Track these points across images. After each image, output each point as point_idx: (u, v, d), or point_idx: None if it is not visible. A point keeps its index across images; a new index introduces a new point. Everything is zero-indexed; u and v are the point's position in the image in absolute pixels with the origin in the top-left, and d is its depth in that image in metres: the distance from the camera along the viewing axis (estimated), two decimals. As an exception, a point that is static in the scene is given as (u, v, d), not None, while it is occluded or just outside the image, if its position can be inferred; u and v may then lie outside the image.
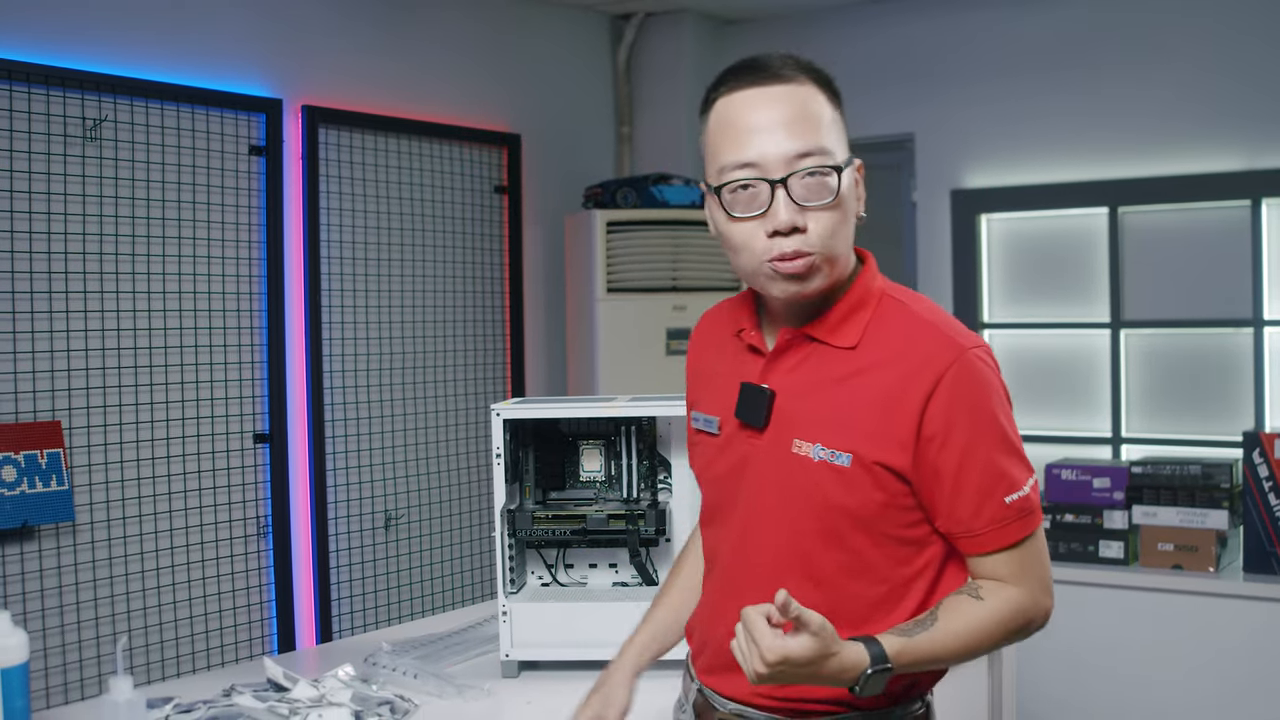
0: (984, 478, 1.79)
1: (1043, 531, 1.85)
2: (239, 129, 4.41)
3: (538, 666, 2.77)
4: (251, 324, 4.45)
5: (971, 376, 1.79)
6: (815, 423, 1.83)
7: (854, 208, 1.85)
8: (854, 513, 1.81)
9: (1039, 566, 1.84)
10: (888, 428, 1.79)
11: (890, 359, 1.82)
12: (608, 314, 5.23)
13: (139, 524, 4.10)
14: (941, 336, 1.81)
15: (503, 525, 2.72)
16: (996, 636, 1.81)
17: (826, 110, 1.83)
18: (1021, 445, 1.84)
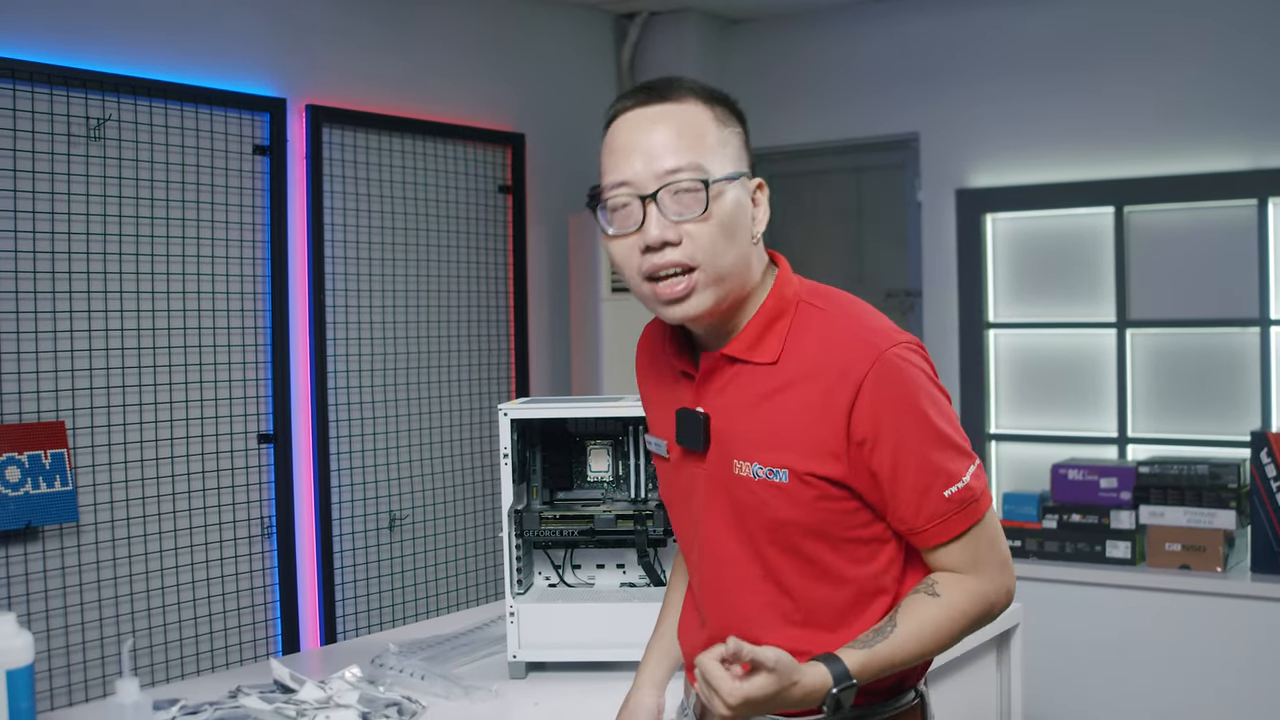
0: (919, 475, 1.78)
1: (992, 515, 1.85)
2: (243, 128, 4.41)
3: (545, 667, 2.75)
4: (255, 324, 4.44)
5: (892, 376, 1.77)
6: (749, 442, 1.84)
7: (743, 225, 1.83)
8: (802, 523, 1.83)
9: (991, 550, 1.84)
10: (818, 439, 1.79)
11: (812, 370, 1.81)
12: (611, 313, 5.22)
13: (143, 524, 4.09)
14: (858, 340, 1.80)
15: (510, 526, 2.71)
16: (960, 627, 1.82)
17: (710, 129, 1.84)
18: (957, 434, 1.82)
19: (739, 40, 6.02)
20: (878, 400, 1.76)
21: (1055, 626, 4.54)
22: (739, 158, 1.86)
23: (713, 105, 1.86)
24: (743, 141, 1.89)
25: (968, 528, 1.81)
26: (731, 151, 1.85)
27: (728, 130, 1.86)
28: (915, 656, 1.80)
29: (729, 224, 1.81)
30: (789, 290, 1.89)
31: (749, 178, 1.87)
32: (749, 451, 1.83)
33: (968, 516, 1.81)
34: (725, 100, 1.89)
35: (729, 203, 1.81)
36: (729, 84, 6.03)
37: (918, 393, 1.79)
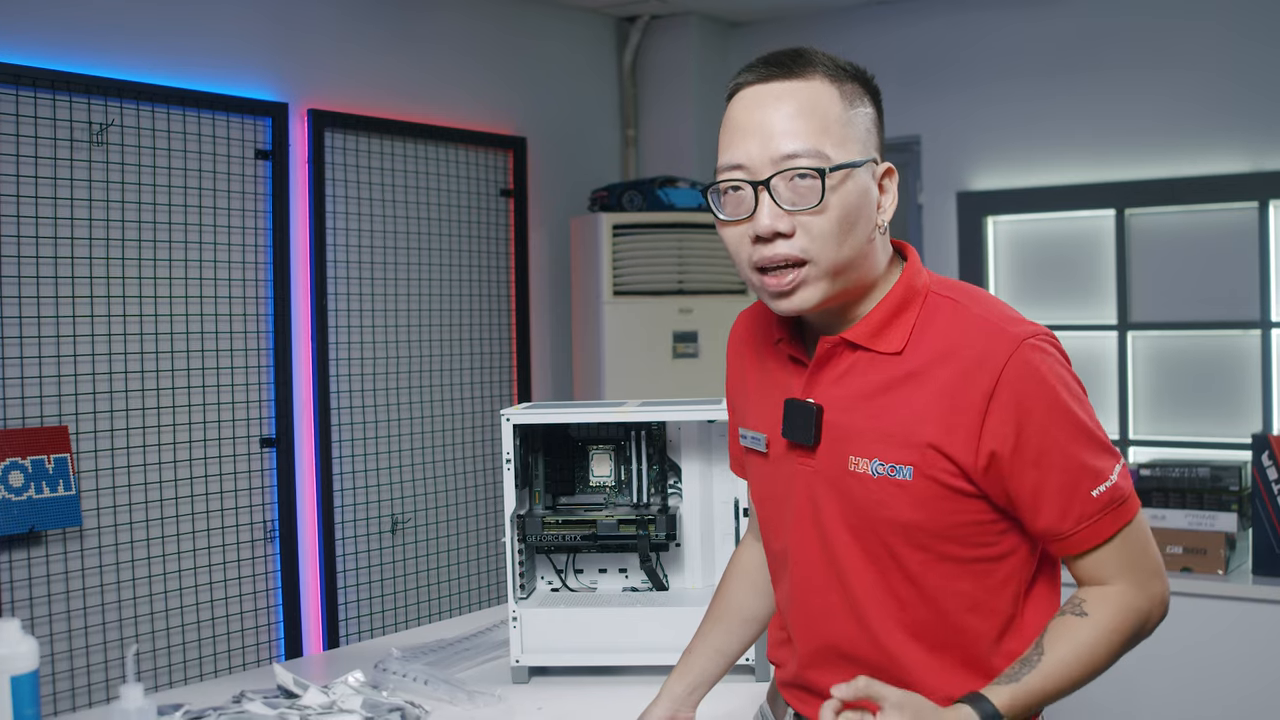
0: (1065, 475, 1.66)
1: (1142, 518, 1.72)
2: (245, 133, 4.41)
3: (548, 672, 2.76)
4: (258, 328, 4.45)
5: (1033, 368, 1.65)
6: (869, 436, 1.72)
7: (865, 215, 1.71)
8: (925, 527, 1.70)
9: (1144, 556, 1.71)
10: (949, 433, 1.67)
11: (942, 359, 1.69)
12: (614, 317, 5.23)
13: (145, 529, 4.10)
14: (995, 329, 1.68)
15: (512, 530, 2.71)
16: (1116, 647, 1.70)
17: (835, 110, 1.71)
18: (1102, 431, 1.70)
19: (740, 43, 6.02)
20: (1017, 393, 1.64)
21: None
22: (867, 141, 1.73)
23: (842, 82, 1.74)
24: (874, 122, 1.77)
25: (1117, 530, 1.68)
26: (858, 134, 1.72)
27: (856, 110, 1.74)
28: (1068, 686, 1.69)
29: (848, 215, 1.69)
30: (919, 281, 1.77)
31: (877, 162, 1.75)
32: (869, 446, 1.72)
33: (1118, 518, 1.68)
34: (858, 75, 1.77)
35: (850, 192, 1.69)
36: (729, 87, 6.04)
37: (1059, 385, 1.66)
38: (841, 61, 1.76)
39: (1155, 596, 1.72)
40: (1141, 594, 1.70)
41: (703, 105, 5.91)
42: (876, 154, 1.75)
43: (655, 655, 2.69)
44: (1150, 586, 1.71)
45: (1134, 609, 1.70)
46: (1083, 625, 1.69)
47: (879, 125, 1.78)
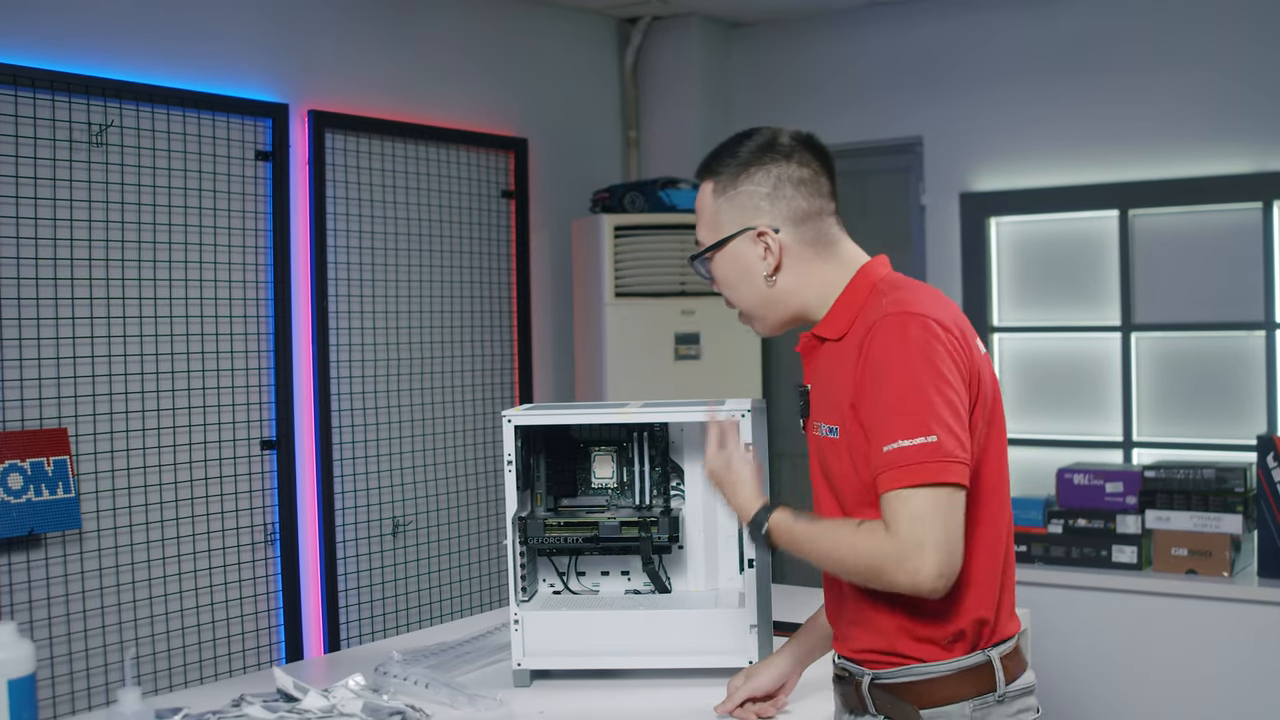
0: (873, 423, 1.99)
1: (934, 496, 1.92)
2: (245, 134, 4.39)
3: (550, 675, 2.74)
4: (259, 330, 4.43)
5: (883, 334, 2.01)
6: (822, 405, 2.16)
7: (749, 272, 2.21)
8: (848, 473, 2.08)
9: (911, 524, 1.91)
10: (846, 394, 2.06)
11: (855, 338, 2.08)
12: (616, 319, 5.21)
13: (145, 531, 4.07)
14: (877, 309, 2.06)
15: (514, 533, 2.69)
16: (850, 561, 1.99)
17: (707, 205, 2.25)
18: (921, 404, 1.94)
19: (742, 44, 6.00)
20: (868, 354, 2.02)
21: (1061, 631, 4.52)
22: (739, 217, 2.21)
23: (718, 177, 2.24)
24: (756, 194, 2.21)
25: (891, 489, 1.94)
26: (727, 216, 2.22)
27: (725, 197, 2.22)
28: (816, 552, 2.05)
29: (730, 279, 2.24)
30: (865, 281, 2.17)
31: (752, 227, 2.20)
32: (820, 413, 2.15)
33: (899, 478, 1.93)
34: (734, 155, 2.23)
35: (721, 264, 2.24)
36: (732, 88, 6.05)
37: (894, 353, 1.99)
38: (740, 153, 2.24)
39: (906, 561, 1.92)
40: (894, 550, 1.93)
41: (704, 106, 5.89)
42: (756, 219, 2.20)
43: (658, 659, 2.68)
44: (906, 552, 1.92)
45: (881, 552, 1.94)
46: (849, 528, 2.01)
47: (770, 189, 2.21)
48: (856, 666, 2.15)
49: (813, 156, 2.23)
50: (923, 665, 2.06)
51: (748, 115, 5.98)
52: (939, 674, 2.06)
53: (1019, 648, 2.15)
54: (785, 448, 6.00)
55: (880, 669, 2.11)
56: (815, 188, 2.22)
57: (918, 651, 2.07)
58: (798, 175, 2.20)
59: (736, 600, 2.72)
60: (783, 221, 2.19)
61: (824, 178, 2.24)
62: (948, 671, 2.06)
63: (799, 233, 2.20)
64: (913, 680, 2.07)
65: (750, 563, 2.61)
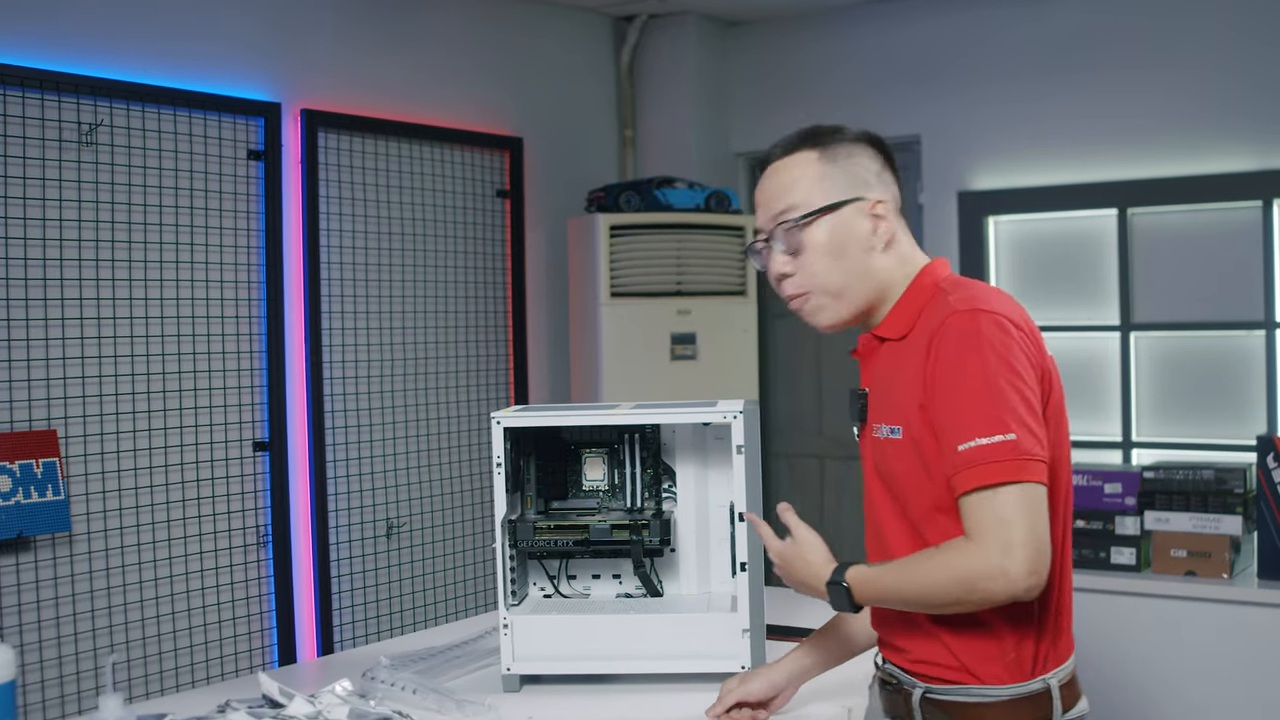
0: (946, 422, 1.94)
1: (1017, 495, 1.87)
2: (237, 133, 4.36)
3: (540, 680, 2.70)
4: (251, 330, 4.40)
5: (954, 331, 1.96)
6: (883, 406, 2.11)
7: (852, 244, 2.13)
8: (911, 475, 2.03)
9: (997, 525, 1.87)
10: (913, 395, 2.01)
11: (919, 337, 2.04)
12: (611, 319, 5.18)
13: (136, 534, 4.05)
14: (945, 306, 2.01)
15: (503, 536, 2.66)
16: (943, 585, 1.92)
17: (810, 169, 2.15)
18: (998, 402, 1.91)
19: (738, 42, 5.97)
20: (938, 352, 1.97)
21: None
22: (850, 185, 2.14)
23: (826, 147, 2.16)
24: (866, 168, 2.16)
25: (973, 489, 1.88)
26: (838, 183, 2.14)
27: (837, 165, 2.15)
28: (904, 593, 1.98)
29: (832, 248, 2.13)
30: (928, 280, 2.13)
31: (865, 198, 2.13)
32: (880, 415, 2.11)
33: (977, 476, 1.88)
34: (848, 138, 2.18)
35: (829, 230, 2.13)
36: (728, 87, 6.02)
37: (968, 350, 1.94)
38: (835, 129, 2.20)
39: (994, 567, 1.86)
40: (982, 557, 1.87)
41: (701, 105, 5.86)
42: (867, 192, 2.15)
43: (649, 663, 2.64)
44: (994, 555, 1.86)
45: (970, 563, 1.88)
46: (930, 553, 1.96)
47: (878, 168, 2.18)
48: (908, 677, 2.11)
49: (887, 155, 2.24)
50: (981, 687, 2.02)
51: (744, 114, 5.96)
52: (997, 699, 2.02)
53: (1075, 675, 2.11)
54: (782, 448, 5.97)
55: (934, 684, 2.07)
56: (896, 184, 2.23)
57: (979, 671, 2.02)
58: (888, 166, 2.21)
59: (729, 604, 2.69)
60: (889, 201, 2.18)
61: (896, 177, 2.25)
62: (1006, 697, 2.02)
63: (896, 220, 2.19)
64: (969, 701, 2.03)
65: (743, 566, 2.57)
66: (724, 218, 5.35)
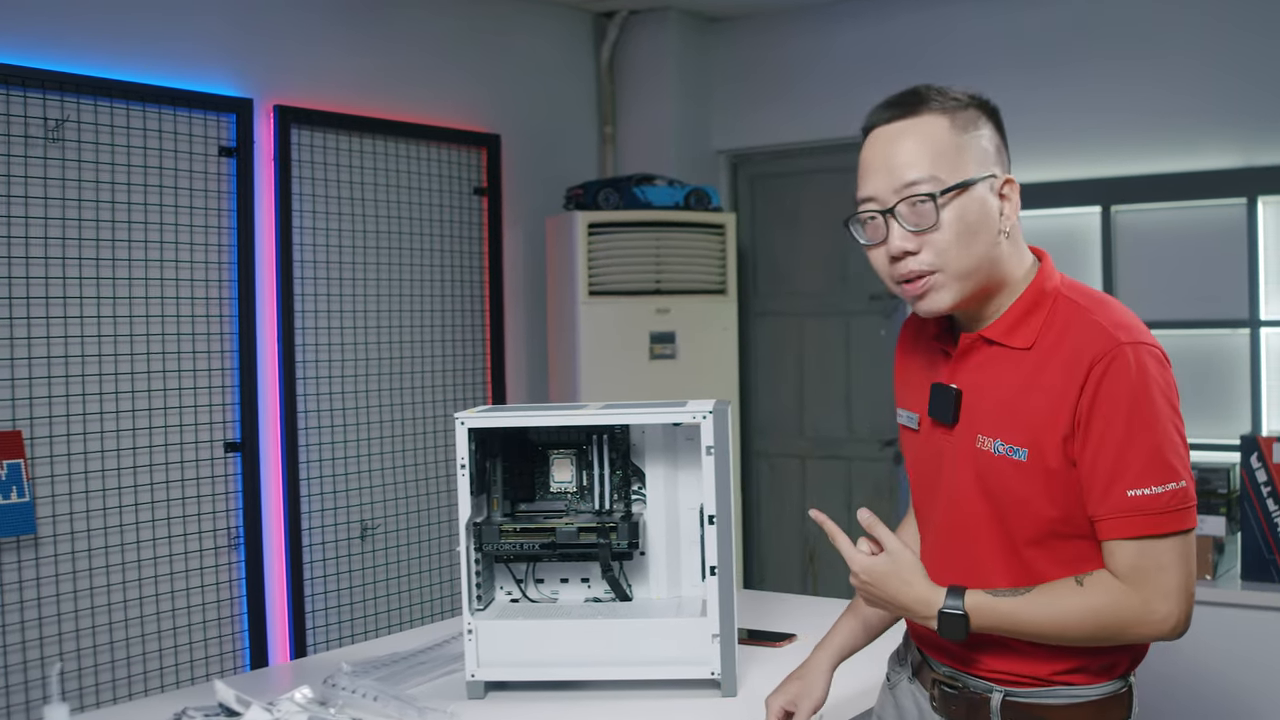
0: (1113, 465, 1.85)
1: (1182, 545, 1.86)
2: (208, 130, 4.31)
3: (506, 687, 2.65)
4: (222, 330, 4.34)
5: (1121, 369, 1.85)
6: (995, 420, 1.96)
7: (985, 225, 1.94)
8: (1031, 502, 1.92)
9: (1159, 572, 1.85)
10: (1054, 421, 1.89)
11: (1060, 356, 1.91)
12: (589, 318, 5.12)
13: (104, 536, 3.98)
14: (1100, 331, 1.89)
15: (468, 539, 2.60)
16: (1089, 626, 1.87)
17: (945, 139, 1.95)
18: (1169, 450, 1.86)
19: (720, 38, 5.92)
20: (1100, 386, 1.85)
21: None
22: (981, 160, 1.96)
23: (954, 113, 1.98)
24: (991, 141, 1.99)
25: (1138, 535, 1.85)
26: (972, 155, 1.96)
27: (969, 134, 1.97)
28: (1032, 629, 1.90)
29: (967, 228, 1.93)
30: (1050, 284, 2.00)
31: (996, 176, 1.97)
32: (994, 428, 1.96)
33: (1144, 525, 1.84)
34: (972, 103, 2.01)
35: (966, 208, 1.94)
36: (709, 83, 5.97)
37: (1139, 392, 1.86)
38: (955, 93, 2.02)
39: (1152, 613, 1.85)
40: (1139, 602, 1.85)
41: (682, 102, 5.80)
42: (996, 169, 1.98)
43: (617, 669, 2.59)
44: (1152, 602, 1.85)
45: (1123, 607, 1.86)
46: (1071, 590, 1.89)
47: (998, 142, 2.02)
48: (982, 681, 2.02)
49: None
50: (1070, 688, 1.97)
51: (725, 111, 5.91)
52: (1086, 699, 1.97)
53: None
54: (764, 448, 5.92)
55: (1016, 687, 2.00)
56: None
57: (1068, 676, 1.97)
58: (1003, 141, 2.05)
59: (699, 608, 2.63)
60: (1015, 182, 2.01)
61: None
62: (1096, 697, 1.98)
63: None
64: (1055, 703, 1.97)
65: (713, 570, 2.52)
66: (704, 215, 5.30)
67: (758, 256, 5.95)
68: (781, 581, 5.77)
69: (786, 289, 5.87)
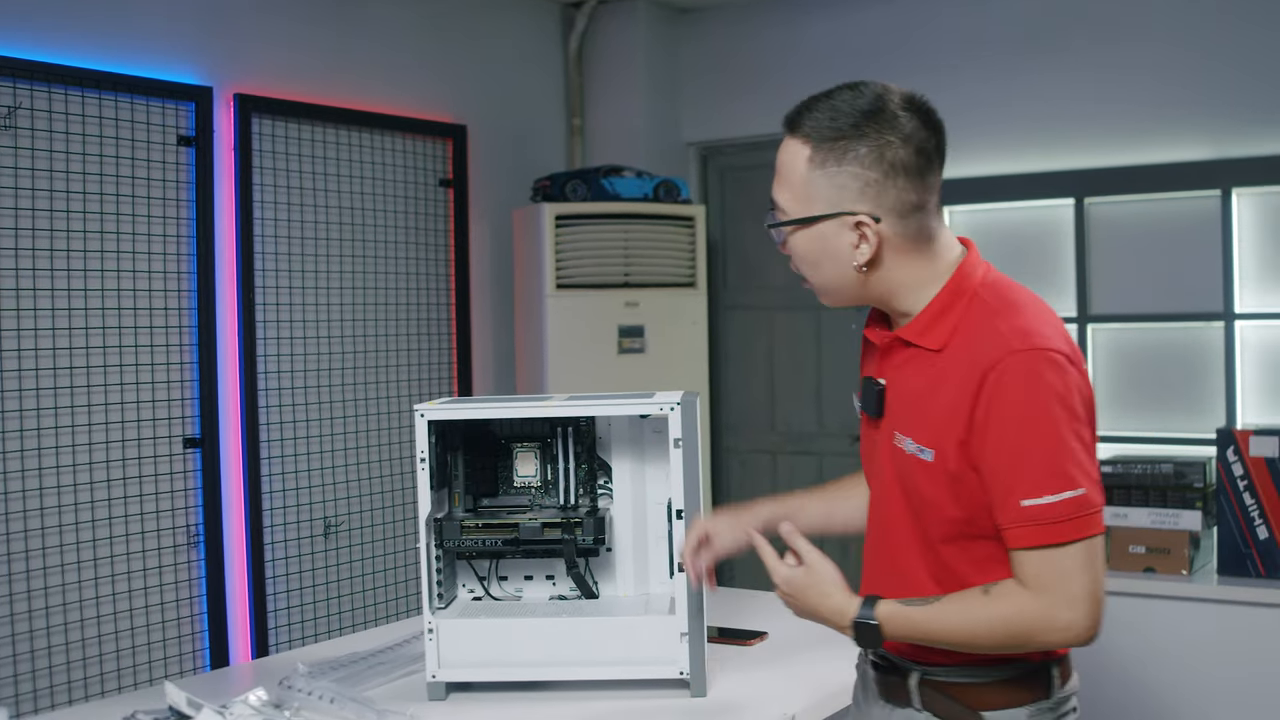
0: (1009, 475, 1.85)
1: (1084, 551, 1.84)
2: (166, 118, 4.21)
3: (469, 688, 2.56)
4: (181, 323, 4.24)
5: (1013, 377, 1.85)
6: (908, 418, 1.99)
7: (828, 259, 2.00)
8: (937, 501, 1.94)
9: (1061, 580, 1.84)
10: (953, 426, 1.90)
11: (964, 360, 1.91)
12: (557, 311, 5.04)
13: (59, 535, 3.89)
14: (997, 338, 1.88)
15: (428, 535, 2.52)
16: (997, 635, 1.89)
17: (799, 171, 1.98)
18: (1064, 456, 1.84)
19: (690, 29, 5.85)
20: (992, 395, 1.85)
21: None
22: (834, 198, 1.96)
23: (819, 143, 1.97)
24: (856, 178, 1.95)
25: (1036, 545, 1.84)
26: (820, 193, 1.97)
27: (824, 171, 1.96)
28: (945, 636, 1.91)
29: (808, 259, 2.02)
30: (968, 282, 1.99)
31: (852, 214, 1.95)
32: (907, 426, 1.99)
33: (1041, 535, 1.83)
34: (849, 133, 1.96)
35: (803, 242, 2.01)
36: (680, 75, 5.89)
37: (1032, 402, 1.84)
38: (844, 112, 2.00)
39: (1057, 621, 1.85)
40: (1044, 611, 1.85)
41: (651, 93, 5.73)
42: (856, 205, 1.95)
43: (583, 669, 2.51)
44: (1056, 609, 1.84)
45: (1028, 615, 1.86)
46: (978, 599, 1.90)
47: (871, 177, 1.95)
48: (903, 660, 2.05)
49: (930, 132, 2.00)
50: (984, 668, 1.98)
51: (696, 102, 5.84)
52: (1000, 678, 1.99)
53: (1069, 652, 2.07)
54: (734, 444, 5.85)
55: (932, 665, 2.01)
56: (927, 173, 1.97)
57: (980, 656, 1.97)
58: (911, 160, 1.95)
59: (668, 606, 2.56)
60: (886, 212, 1.95)
61: (936, 159, 2.00)
62: (1010, 676, 1.98)
63: (903, 224, 1.97)
64: (970, 682, 1.99)
65: (680, 567, 2.44)
66: (673, 208, 5.23)
67: (728, 249, 5.88)
68: (752, 578, 5.70)
69: (756, 282, 5.80)
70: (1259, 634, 4.01)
